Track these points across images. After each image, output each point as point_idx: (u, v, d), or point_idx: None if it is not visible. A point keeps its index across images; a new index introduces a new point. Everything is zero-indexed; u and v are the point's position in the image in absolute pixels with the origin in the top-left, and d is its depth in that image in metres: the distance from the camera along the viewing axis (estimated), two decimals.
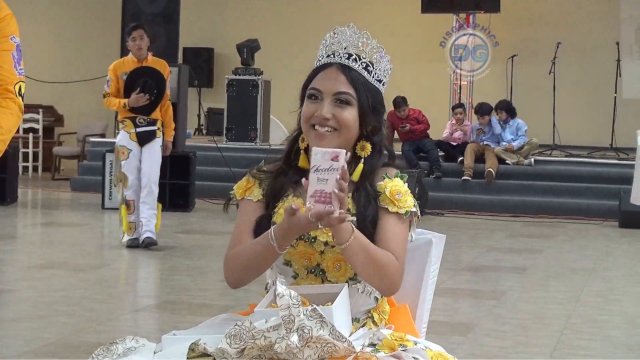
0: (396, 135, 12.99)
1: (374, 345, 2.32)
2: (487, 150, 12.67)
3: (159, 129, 8.33)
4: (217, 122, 14.64)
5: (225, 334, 2.21)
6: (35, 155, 15.67)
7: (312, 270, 2.46)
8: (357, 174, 2.48)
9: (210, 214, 10.94)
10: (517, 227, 10.91)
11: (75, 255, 7.94)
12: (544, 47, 14.71)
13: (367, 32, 2.54)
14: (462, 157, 12.68)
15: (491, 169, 12.39)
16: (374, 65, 2.52)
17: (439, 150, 12.95)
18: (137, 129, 8.24)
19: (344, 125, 2.46)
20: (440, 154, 12.93)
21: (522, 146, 12.69)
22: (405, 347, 2.32)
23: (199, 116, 16.05)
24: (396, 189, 2.48)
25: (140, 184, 8.22)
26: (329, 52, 2.53)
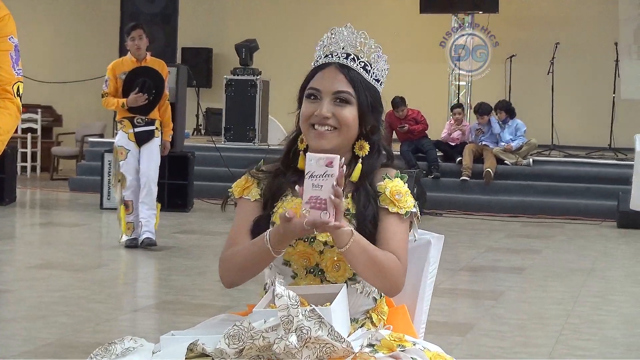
0: (395, 135, 13.00)
1: (372, 345, 2.32)
2: (486, 150, 12.67)
3: (157, 128, 8.33)
4: (215, 122, 14.63)
5: (223, 335, 2.21)
6: (33, 155, 15.65)
7: (311, 270, 2.46)
8: (356, 174, 2.48)
9: (208, 214, 10.93)
10: (515, 228, 10.91)
11: (73, 255, 7.93)
12: (543, 47, 14.70)
13: (365, 32, 2.54)
14: (460, 158, 12.68)
15: (490, 169, 12.39)
16: (372, 64, 2.52)
17: (437, 150, 12.95)
18: (136, 129, 8.23)
19: (343, 123, 2.46)
20: (438, 154, 12.92)
21: (521, 146, 12.69)
22: (403, 347, 2.32)
23: (197, 116, 16.03)
24: (396, 190, 2.48)
25: (138, 184, 8.21)
26: (326, 52, 2.53)
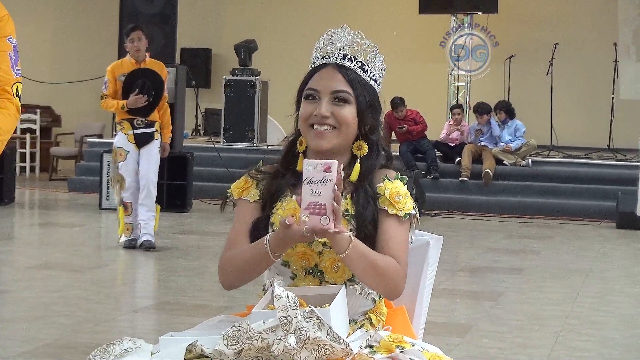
0: (394, 135, 13.00)
1: (371, 346, 2.32)
2: (485, 151, 12.67)
3: (156, 130, 8.31)
4: (214, 123, 14.63)
5: (222, 335, 2.20)
6: (32, 155, 15.64)
7: (310, 271, 2.46)
8: (354, 175, 2.48)
9: (207, 214, 10.93)
10: (514, 228, 10.91)
11: (72, 255, 7.93)
12: (542, 48, 14.70)
13: (361, 32, 2.54)
14: (459, 158, 12.67)
15: (489, 170, 12.38)
16: (369, 64, 2.52)
17: (436, 151, 12.95)
18: (135, 131, 8.21)
19: (343, 123, 2.46)
20: (437, 154, 12.92)
21: (520, 147, 12.69)
22: (402, 348, 2.32)
23: (196, 117, 16.04)
24: (396, 191, 2.48)
25: (137, 186, 8.19)
26: (323, 53, 2.53)
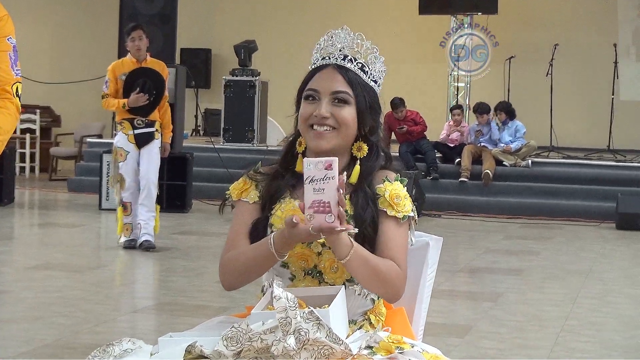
0: (394, 136, 13.00)
1: (370, 347, 2.32)
2: (485, 151, 12.66)
3: (157, 130, 8.29)
4: (214, 123, 14.63)
5: (221, 336, 2.20)
6: (32, 155, 15.64)
7: (309, 272, 2.46)
8: (354, 176, 2.48)
9: (207, 215, 10.92)
10: (514, 229, 10.91)
11: (72, 256, 7.93)
12: (542, 48, 14.70)
13: (361, 33, 2.54)
14: (459, 159, 12.67)
15: (488, 171, 12.38)
16: (369, 65, 2.52)
17: (436, 151, 12.95)
18: (135, 131, 8.19)
19: (342, 123, 2.46)
20: (437, 155, 12.92)
21: (520, 148, 12.69)
22: (402, 349, 2.32)
23: (196, 117, 16.05)
24: (395, 193, 2.48)
25: (137, 186, 8.18)
26: (324, 54, 2.53)
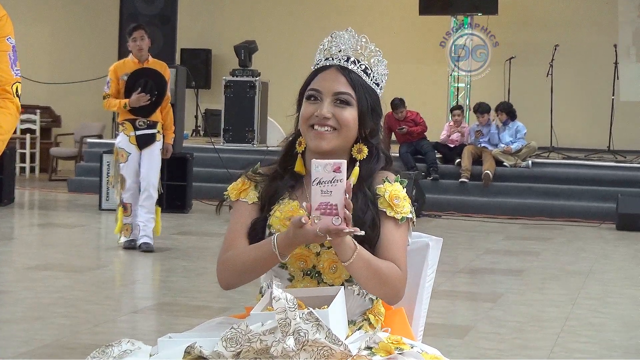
0: (394, 137, 13.00)
1: (370, 348, 2.32)
2: (485, 152, 12.66)
3: (158, 132, 8.26)
4: (214, 124, 14.63)
5: (221, 337, 2.20)
6: (32, 156, 15.64)
7: (308, 272, 2.45)
8: (353, 178, 2.47)
9: (207, 215, 10.92)
10: (514, 230, 10.91)
11: (72, 256, 7.93)
12: (542, 49, 14.70)
13: (365, 36, 2.54)
14: (459, 159, 12.67)
15: (488, 171, 12.38)
16: (372, 68, 2.53)
17: (436, 152, 12.95)
18: (137, 132, 8.15)
19: (344, 124, 2.46)
20: (437, 156, 12.92)
21: (521, 149, 12.69)
22: (401, 350, 2.32)
23: (196, 117, 16.05)
24: (395, 194, 2.48)
25: (138, 187, 8.16)
26: (327, 55, 2.53)
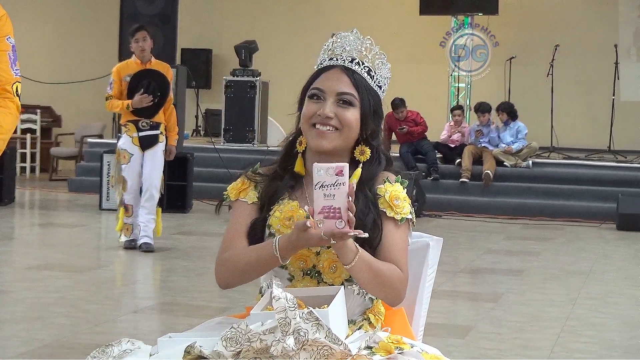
0: (394, 137, 13.00)
1: (370, 348, 2.31)
2: (485, 152, 12.66)
3: (161, 133, 8.24)
4: (215, 123, 14.63)
5: (221, 337, 2.20)
6: (32, 155, 15.64)
7: (308, 272, 2.45)
8: (354, 178, 2.47)
9: (207, 215, 10.92)
10: (514, 230, 10.91)
11: (72, 256, 7.92)
12: (542, 49, 14.70)
13: (370, 37, 2.54)
14: (459, 159, 12.67)
15: (489, 171, 12.38)
16: (376, 70, 2.53)
17: (436, 152, 12.94)
18: (140, 133, 8.13)
19: (346, 125, 2.46)
20: (438, 155, 12.92)
21: (521, 149, 12.69)
22: (401, 349, 2.32)
23: (196, 117, 16.04)
24: (395, 195, 2.48)
25: (139, 188, 8.15)
26: (331, 55, 2.53)
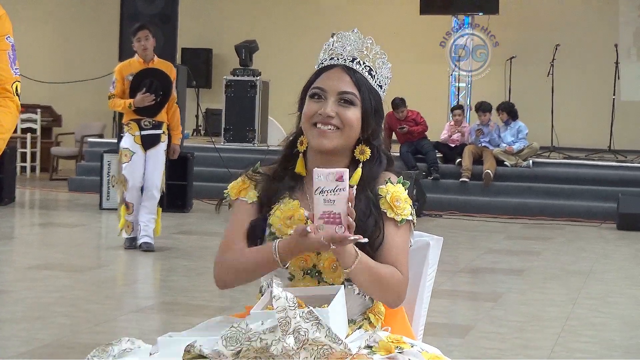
0: (394, 136, 12.99)
1: (370, 347, 2.32)
2: (486, 151, 12.66)
3: (164, 132, 8.22)
4: (215, 123, 14.63)
5: (221, 336, 2.20)
6: (33, 155, 15.64)
7: (308, 271, 2.45)
8: (355, 179, 2.47)
9: (208, 214, 10.92)
10: (515, 229, 10.90)
11: (72, 256, 7.92)
12: (543, 49, 14.70)
13: (372, 37, 2.54)
14: (460, 159, 12.67)
15: (489, 171, 12.38)
16: (377, 70, 2.53)
17: (437, 151, 12.94)
18: (142, 132, 8.12)
19: (347, 124, 2.46)
20: (438, 155, 12.92)
21: (522, 149, 12.69)
22: (401, 349, 2.32)
23: (197, 117, 16.03)
24: (396, 196, 2.48)
25: (140, 187, 8.15)
26: (332, 55, 2.53)
